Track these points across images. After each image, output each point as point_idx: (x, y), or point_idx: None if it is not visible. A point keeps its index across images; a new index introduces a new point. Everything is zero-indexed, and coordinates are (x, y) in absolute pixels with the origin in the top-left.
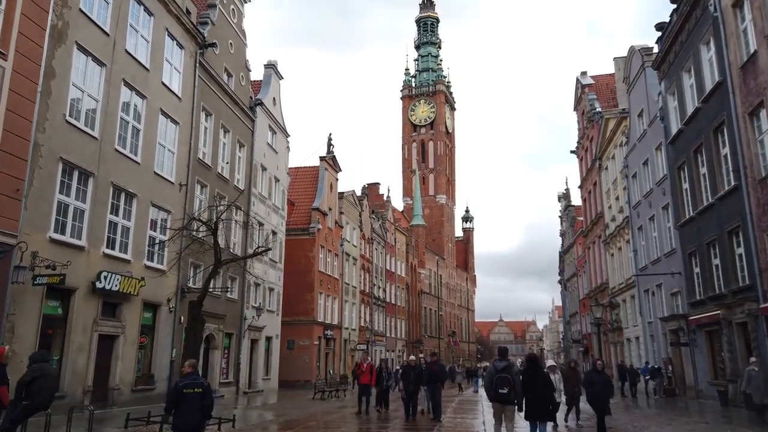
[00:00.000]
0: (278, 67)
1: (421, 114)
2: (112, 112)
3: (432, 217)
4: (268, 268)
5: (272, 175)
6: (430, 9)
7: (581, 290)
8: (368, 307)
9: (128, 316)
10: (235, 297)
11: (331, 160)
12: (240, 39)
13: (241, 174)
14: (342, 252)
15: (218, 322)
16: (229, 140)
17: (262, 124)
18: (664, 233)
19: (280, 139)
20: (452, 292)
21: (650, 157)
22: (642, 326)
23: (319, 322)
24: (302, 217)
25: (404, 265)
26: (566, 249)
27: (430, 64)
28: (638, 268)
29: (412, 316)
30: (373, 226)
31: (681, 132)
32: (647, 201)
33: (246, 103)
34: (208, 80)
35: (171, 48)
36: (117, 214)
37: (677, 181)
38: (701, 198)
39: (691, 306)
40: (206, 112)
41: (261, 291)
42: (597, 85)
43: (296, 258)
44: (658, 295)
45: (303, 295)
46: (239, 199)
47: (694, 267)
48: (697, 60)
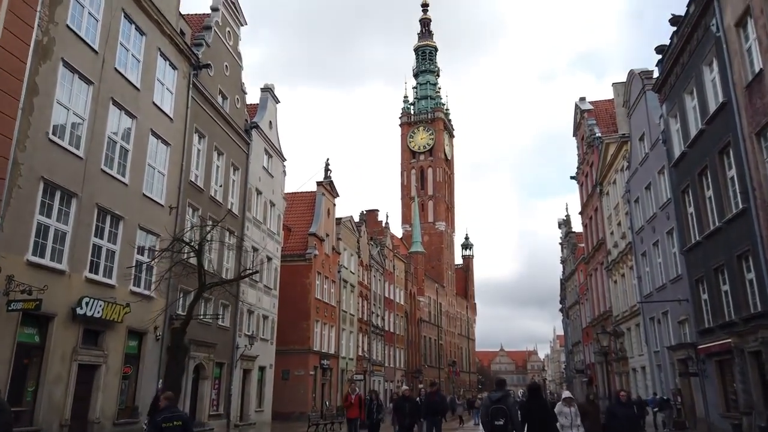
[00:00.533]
0: (275, 91)
1: (419, 141)
2: (99, 132)
3: (431, 245)
4: (262, 295)
5: (267, 200)
6: (428, 38)
7: (584, 318)
8: (366, 335)
9: (111, 345)
10: (227, 325)
11: (329, 185)
12: (236, 61)
13: (236, 198)
14: (339, 279)
15: (208, 351)
16: (222, 163)
17: (258, 148)
18: (670, 259)
19: (276, 163)
20: (452, 320)
21: (653, 181)
22: (648, 355)
23: (315, 351)
24: (299, 243)
25: (403, 292)
26: (568, 276)
27: (428, 91)
28: (643, 295)
29: (412, 345)
30: (372, 253)
31: (684, 155)
32: (651, 226)
33: (241, 126)
34: (201, 102)
35: (163, 68)
36: (102, 237)
37: (682, 205)
38: (707, 222)
39: (700, 334)
40: (199, 134)
41: (254, 318)
42: (596, 111)
43: (292, 285)
44: (664, 323)
45: (299, 323)
46: (233, 224)
47: (701, 293)
48: (700, 81)
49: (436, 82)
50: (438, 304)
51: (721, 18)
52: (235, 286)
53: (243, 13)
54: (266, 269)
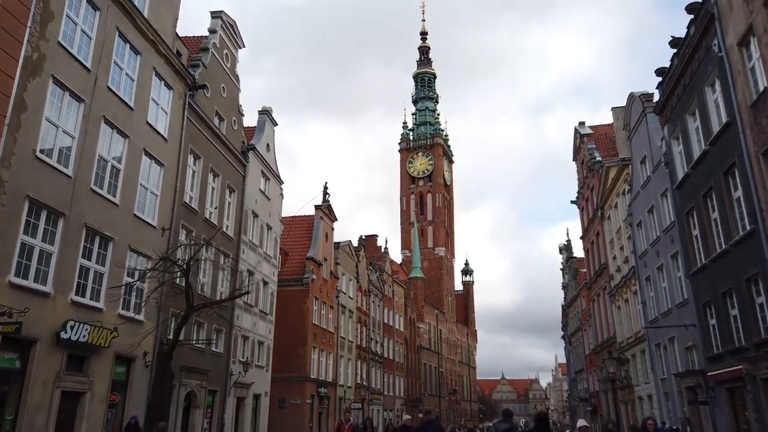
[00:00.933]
0: (272, 113)
1: (419, 166)
2: (89, 150)
3: (431, 270)
4: (258, 320)
5: (264, 223)
6: (427, 65)
7: (587, 345)
8: (365, 362)
9: (97, 371)
10: (220, 350)
11: (327, 208)
12: (233, 83)
13: (231, 220)
14: (338, 304)
15: (201, 378)
16: (218, 185)
17: (255, 170)
18: (675, 283)
19: (274, 186)
20: (453, 347)
21: (656, 204)
22: (655, 383)
23: (312, 378)
24: (296, 268)
25: (403, 318)
26: (569, 302)
27: (427, 117)
28: (648, 321)
29: (411, 372)
30: (371, 278)
31: (688, 176)
32: (654, 250)
33: (238, 148)
34: (197, 122)
35: (158, 88)
36: (89, 258)
37: (686, 227)
38: (714, 244)
39: (709, 361)
40: (194, 155)
41: (249, 344)
42: (596, 135)
43: (289, 310)
44: (670, 349)
45: (295, 350)
46: (228, 247)
47: (709, 318)
48: (702, 102)
49: (435, 108)
50: (438, 330)
51: (723, 38)
52: (229, 311)
53: (241, 36)
54: (262, 294)
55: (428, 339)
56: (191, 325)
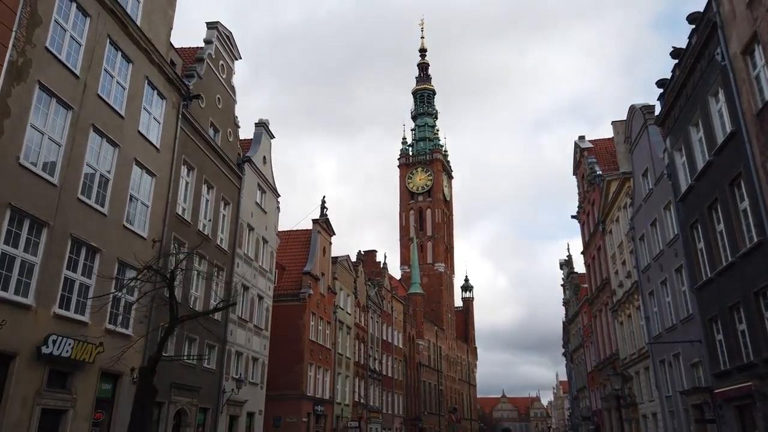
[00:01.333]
0: (269, 126)
1: (418, 182)
2: (77, 159)
3: (430, 286)
4: (252, 336)
5: (260, 236)
6: (426, 82)
7: (589, 362)
8: (363, 380)
9: (81, 387)
10: (213, 367)
11: (325, 223)
12: (229, 94)
13: (226, 233)
14: (335, 320)
15: (192, 396)
16: (212, 197)
17: (251, 183)
18: (679, 298)
19: (270, 199)
20: (452, 365)
21: (658, 217)
22: (659, 401)
23: (309, 396)
24: (293, 283)
25: (402, 335)
26: (571, 318)
27: (426, 133)
28: (651, 337)
29: (411, 390)
30: (369, 294)
31: (692, 188)
32: (658, 264)
33: (233, 160)
34: (191, 133)
35: (151, 97)
36: (75, 270)
37: (691, 240)
38: (720, 257)
39: (716, 377)
40: (188, 166)
41: (243, 361)
42: (596, 149)
43: (285, 326)
44: (676, 366)
45: (291, 367)
46: (222, 260)
47: (716, 334)
48: (706, 112)
49: (434, 124)
50: (438, 347)
51: (726, 46)
52: (222, 326)
53: (237, 47)
54: (257, 309)
55: (428, 356)
56: (182, 340)
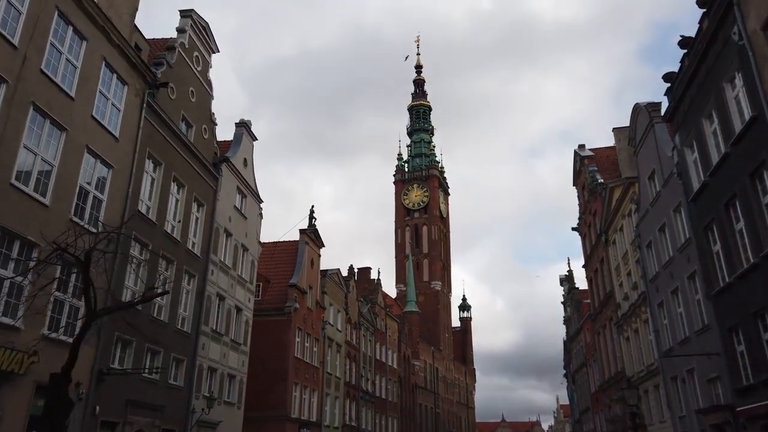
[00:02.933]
0: (251, 127)
1: (414, 198)
2: (10, 139)
3: (427, 305)
4: (228, 351)
5: (239, 243)
6: (422, 98)
7: (592, 382)
8: (354, 401)
9: (10, 403)
10: (180, 383)
11: (313, 233)
12: (204, 89)
13: (198, 237)
14: (324, 337)
15: (153, 416)
16: (183, 196)
17: (229, 185)
18: (693, 307)
19: (251, 205)
20: (450, 387)
21: (667, 221)
22: (672, 422)
23: (293, 418)
24: (278, 296)
25: (396, 355)
26: (572, 336)
27: (422, 149)
28: (662, 352)
29: (406, 413)
30: (361, 311)
31: (705, 186)
32: (667, 272)
33: (209, 159)
34: (158, 125)
35: (110, 81)
36: (5, 267)
37: (705, 243)
38: (740, 259)
39: (738, 394)
40: (154, 161)
41: (217, 378)
42: (597, 158)
43: (268, 342)
44: (690, 382)
45: (274, 386)
46: (194, 266)
47: (736, 345)
48: (720, 101)
49: (430, 140)
50: (434, 368)
51: (744, 24)
52: (192, 339)
53: (215, 40)
54: (234, 321)
55: (424, 377)
56: (143, 351)
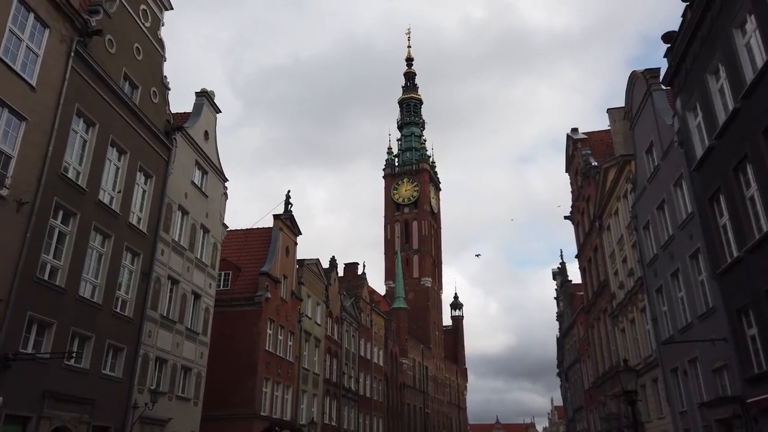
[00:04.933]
0: (214, 98)
1: (404, 193)
2: None
3: (416, 302)
4: (183, 341)
5: (198, 223)
6: (413, 91)
7: (586, 379)
8: (335, 399)
9: None
10: (118, 375)
11: (288, 220)
12: (154, 47)
13: (145, 212)
14: (300, 330)
15: (80, 410)
16: (124, 164)
17: (185, 158)
18: (696, 289)
19: (214, 183)
20: (440, 386)
21: (667, 197)
22: (672, 418)
23: (263, 416)
24: (249, 285)
25: (383, 352)
26: (565, 332)
27: (413, 143)
28: (660, 342)
29: (392, 413)
30: (344, 304)
31: (711, 151)
32: (667, 253)
33: (159, 126)
34: (92, 80)
35: (24, 21)
36: None
37: (710, 216)
38: (751, 230)
39: (749, 383)
40: (86, 120)
41: (168, 370)
42: (591, 141)
43: (238, 334)
44: (692, 373)
45: (242, 381)
46: (138, 244)
47: (746, 328)
48: (729, 50)
49: (421, 134)
50: (424, 367)
51: None
52: (134, 324)
53: None
54: (191, 308)
55: (412, 376)
56: (66, 335)
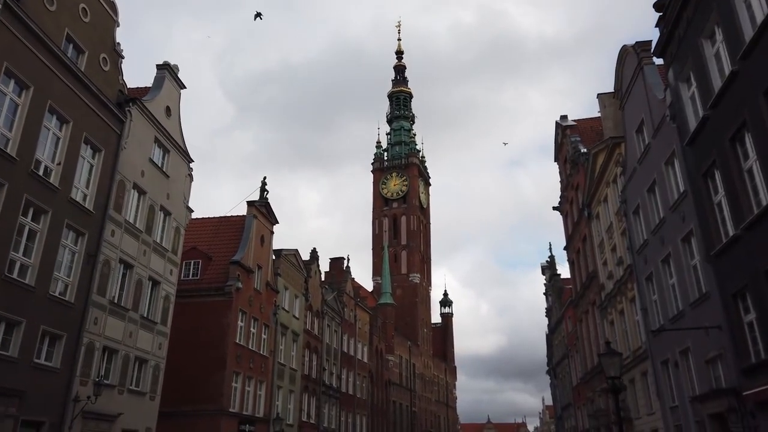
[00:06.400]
0: (178, 72)
1: (392, 187)
2: None
3: (404, 298)
4: (137, 330)
5: (156, 204)
6: (403, 84)
7: (574, 374)
8: (314, 396)
9: None
10: (55, 364)
11: (264, 207)
12: (104, 10)
13: (92, 188)
14: (276, 323)
15: (8, 402)
16: (66, 133)
17: (142, 133)
18: (688, 274)
19: (177, 163)
20: (428, 384)
21: (658, 177)
22: (662, 413)
23: (232, 413)
24: (220, 275)
25: (367, 348)
26: (554, 327)
27: (402, 137)
28: (650, 330)
29: (377, 411)
30: (326, 298)
31: (705, 122)
32: (657, 238)
33: (110, 97)
34: (24, 36)
35: None
36: None
37: (704, 194)
38: (749, 205)
39: (746, 374)
40: (18, 81)
41: (118, 361)
42: (580, 128)
43: (206, 326)
44: (684, 365)
45: (210, 376)
46: (83, 222)
47: (743, 314)
48: (726, 10)
49: (410, 128)
50: (411, 364)
51: None
52: (76, 309)
53: None
54: (148, 295)
55: (399, 373)
56: None
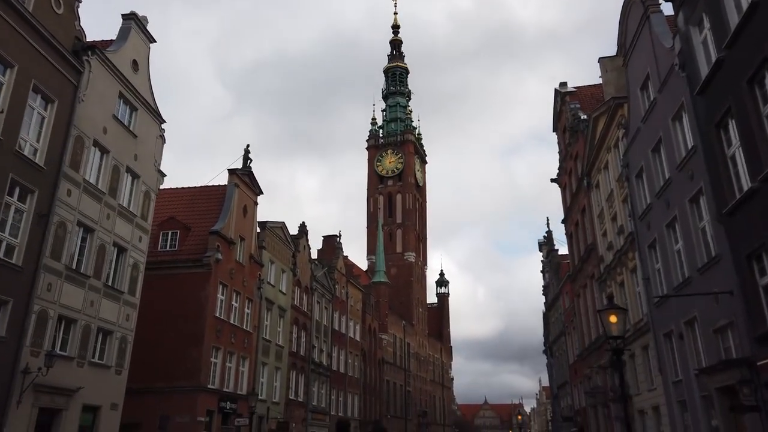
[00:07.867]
0: (146, 23)
1: (388, 165)
2: None
3: (399, 277)
4: (99, 298)
5: (122, 164)
6: (399, 60)
7: (571, 352)
8: (303, 374)
9: None
10: (0, 333)
11: (247, 176)
12: None
13: (43, 141)
14: (261, 297)
15: None
16: (10, 79)
17: (103, 86)
18: (696, 238)
19: (146, 122)
20: (423, 364)
21: (664, 135)
22: (664, 389)
23: (211, 389)
24: (198, 247)
25: (359, 326)
26: (551, 304)
27: (398, 114)
28: (654, 300)
29: (370, 390)
30: (315, 274)
31: (719, 65)
32: (662, 201)
33: (65, 44)
34: None
35: None
36: None
37: (716, 147)
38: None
39: (759, 342)
40: None
41: (77, 331)
42: (580, 95)
43: (183, 298)
44: (689, 336)
45: (187, 351)
46: (32, 179)
47: (758, 277)
48: None
49: (406, 104)
50: (405, 343)
51: None
52: (24, 273)
53: None
54: (112, 262)
55: (392, 352)
56: None
